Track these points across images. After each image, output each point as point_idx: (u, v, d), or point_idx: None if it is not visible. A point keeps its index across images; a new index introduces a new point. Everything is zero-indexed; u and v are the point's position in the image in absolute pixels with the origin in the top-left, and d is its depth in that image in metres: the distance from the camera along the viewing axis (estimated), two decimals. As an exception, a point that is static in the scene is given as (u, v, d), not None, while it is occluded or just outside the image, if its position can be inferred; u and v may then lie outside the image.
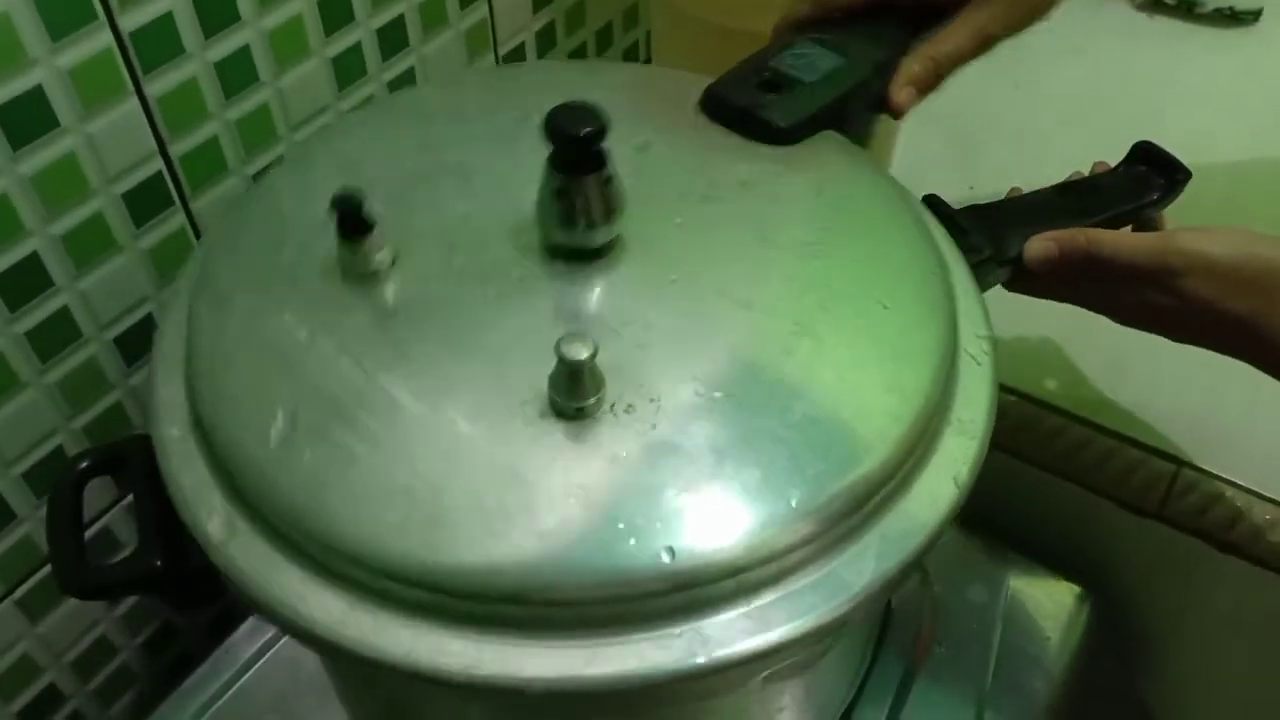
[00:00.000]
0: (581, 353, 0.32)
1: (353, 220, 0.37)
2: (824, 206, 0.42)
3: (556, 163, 0.36)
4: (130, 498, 0.50)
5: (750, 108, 0.45)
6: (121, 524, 0.54)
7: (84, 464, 0.40)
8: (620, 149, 0.41)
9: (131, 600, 0.57)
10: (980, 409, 0.38)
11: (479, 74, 0.63)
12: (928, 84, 0.50)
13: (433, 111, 0.47)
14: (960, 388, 0.39)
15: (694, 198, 0.42)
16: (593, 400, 0.34)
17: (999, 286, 0.49)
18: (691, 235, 0.40)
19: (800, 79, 0.47)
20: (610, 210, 0.37)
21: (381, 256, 0.38)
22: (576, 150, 0.36)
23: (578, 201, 0.37)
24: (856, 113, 0.48)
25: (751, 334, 0.37)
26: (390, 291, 0.38)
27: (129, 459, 0.40)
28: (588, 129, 0.35)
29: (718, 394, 0.35)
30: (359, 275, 0.38)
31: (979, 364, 0.40)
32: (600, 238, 0.38)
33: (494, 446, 0.34)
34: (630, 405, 0.34)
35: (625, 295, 0.38)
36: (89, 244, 0.47)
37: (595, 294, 0.38)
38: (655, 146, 0.44)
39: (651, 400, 0.34)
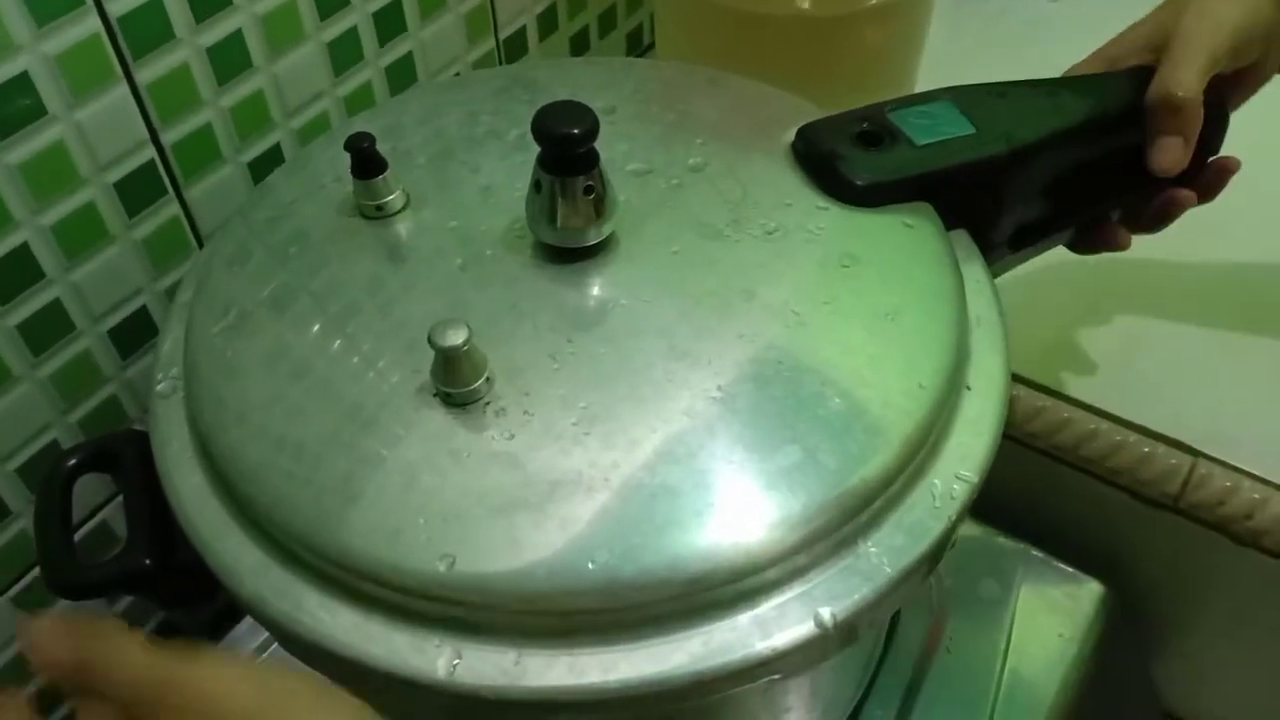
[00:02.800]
0: (451, 340, 0.32)
1: (365, 159, 0.39)
2: (840, 281, 0.37)
3: (543, 161, 0.36)
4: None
5: (831, 156, 0.40)
6: (120, 520, 0.53)
7: (72, 461, 0.39)
8: (673, 165, 0.40)
9: (130, 598, 0.56)
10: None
11: (594, 64, 0.60)
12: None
13: (506, 86, 0.47)
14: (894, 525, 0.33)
15: (708, 231, 0.39)
16: (465, 390, 0.33)
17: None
18: (679, 269, 0.38)
19: (908, 137, 0.41)
20: (595, 215, 0.37)
21: (393, 198, 0.40)
22: (560, 150, 0.35)
23: (555, 201, 0.36)
24: (982, 194, 0.42)
25: (663, 384, 0.34)
26: (392, 232, 0.40)
27: (119, 454, 0.40)
28: (573, 129, 0.34)
29: (588, 432, 0.33)
30: (371, 215, 0.40)
31: (938, 505, 0.33)
32: (577, 240, 0.37)
33: (376, 408, 0.34)
34: (503, 409, 0.33)
35: (569, 305, 0.37)
36: (80, 235, 0.46)
37: (541, 293, 0.37)
38: (711, 168, 0.41)
39: (525, 412, 0.33)
